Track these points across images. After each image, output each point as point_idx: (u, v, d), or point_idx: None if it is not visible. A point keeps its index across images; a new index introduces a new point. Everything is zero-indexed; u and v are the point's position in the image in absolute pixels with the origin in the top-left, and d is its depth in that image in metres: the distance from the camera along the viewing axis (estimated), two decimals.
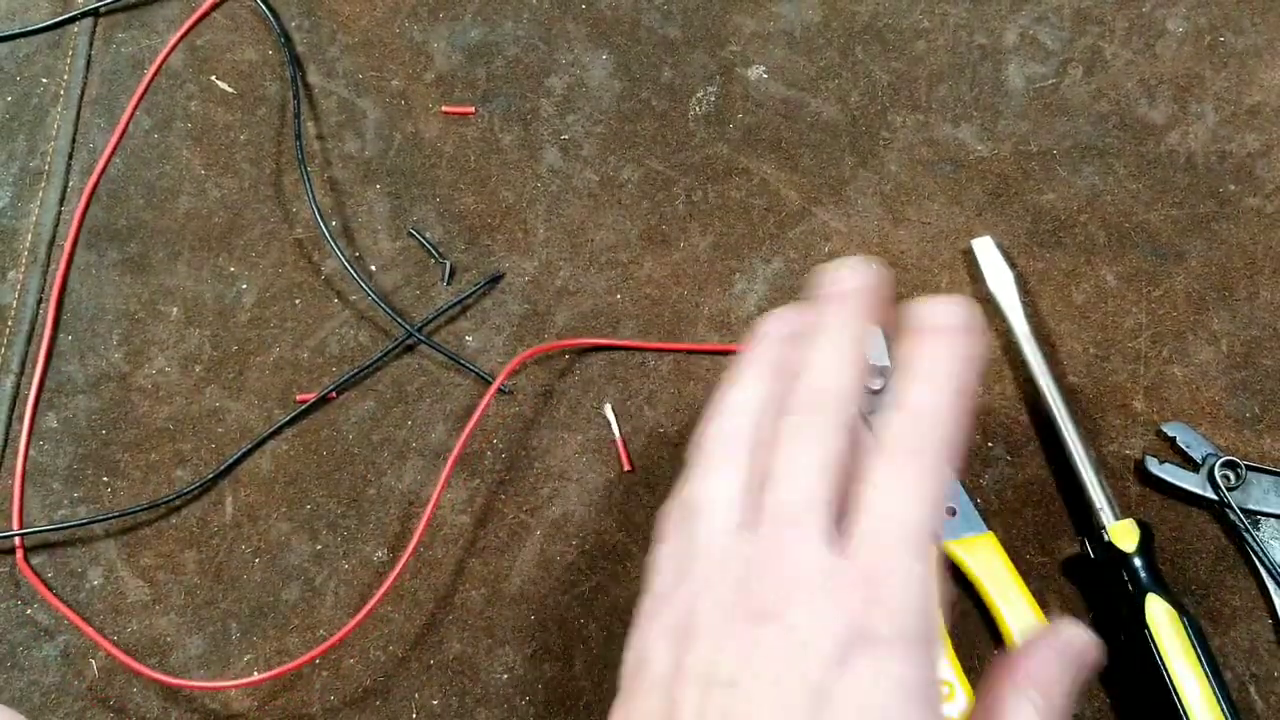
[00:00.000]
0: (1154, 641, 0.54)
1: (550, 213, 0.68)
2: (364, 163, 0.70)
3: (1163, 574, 0.57)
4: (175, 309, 0.68)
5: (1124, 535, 0.56)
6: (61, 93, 0.74)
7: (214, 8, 0.75)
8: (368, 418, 0.65)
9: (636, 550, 0.61)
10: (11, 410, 0.67)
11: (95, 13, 0.75)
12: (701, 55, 0.71)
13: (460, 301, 0.67)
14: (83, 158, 0.72)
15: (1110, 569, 0.56)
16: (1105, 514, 0.57)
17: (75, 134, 0.73)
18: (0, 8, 0.77)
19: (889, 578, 0.33)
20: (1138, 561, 0.56)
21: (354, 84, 0.72)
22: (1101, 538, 0.57)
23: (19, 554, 0.64)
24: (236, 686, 0.60)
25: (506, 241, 0.68)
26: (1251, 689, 0.56)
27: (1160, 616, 0.54)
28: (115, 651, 0.61)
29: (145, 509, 0.64)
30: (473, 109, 0.71)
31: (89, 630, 0.61)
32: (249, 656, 0.61)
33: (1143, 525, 0.57)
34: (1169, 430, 0.60)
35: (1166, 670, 0.53)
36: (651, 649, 0.35)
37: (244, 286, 0.68)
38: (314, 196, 0.69)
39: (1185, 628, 0.54)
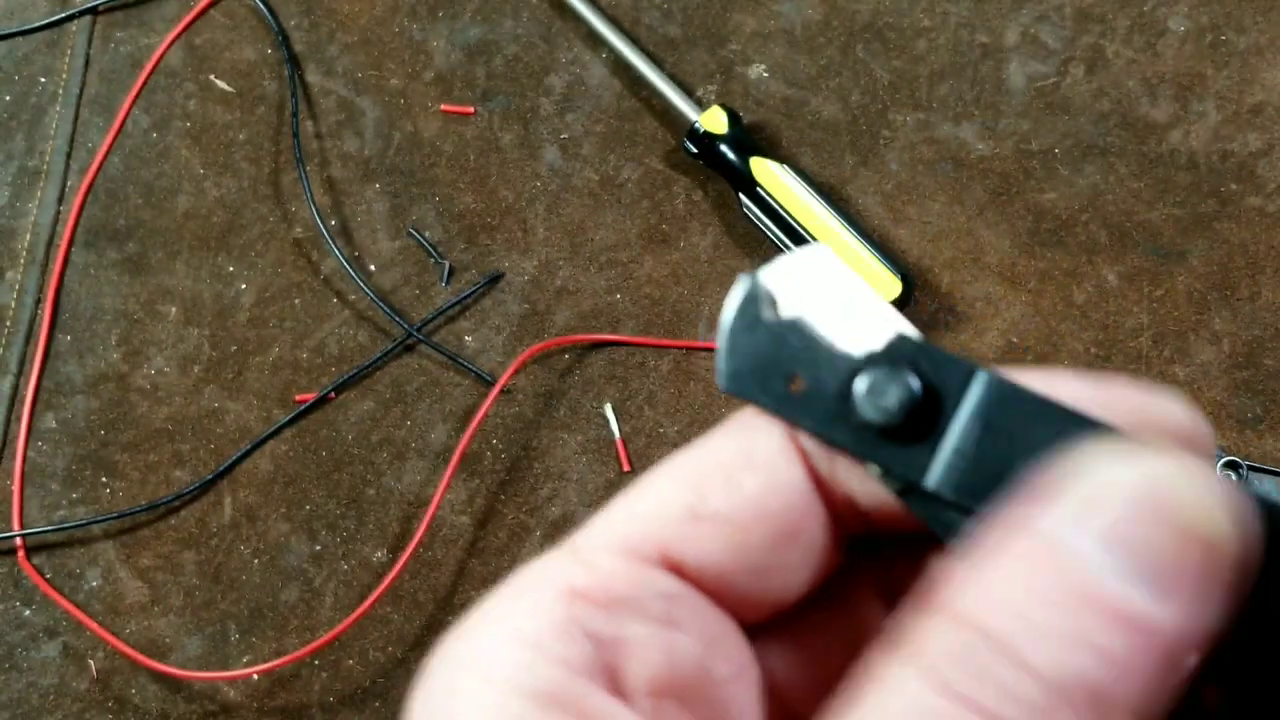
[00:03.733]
0: (767, 193, 0.63)
1: (550, 212, 0.68)
2: (363, 162, 0.70)
3: (760, 142, 0.66)
4: (174, 309, 0.68)
5: (714, 121, 0.65)
6: (60, 92, 0.73)
7: (211, 6, 0.74)
8: (367, 418, 0.65)
9: None
10: (10, 411, 0.67)
11: (93, 11, 0.75)
12: (701, 54, 0.70)
13: (459, 301, 0.67)
14: (81, 157, 0.72)
15: (713, 153, 0.65)
16: (690, 111, 0.67)
17: (74, 133, 0.72)
18: None
19: None
20: (732, 138, 0.65)
21: (352, 83, 0.72)
22: (695, 130, 0.66)
23: (20, 554, 0.64)
24: (234, 678, 0.60)
25: (506, 241, 0.68)
26: None
27: (764, 171, 0.64)
28: (123, 647, 0.61)
29: (144, 510, 0.64)
30: (472, 108, 0.70)
31: (94, 626, 0.61)
32: (248, 657, 0.60)
33: (728, 110, 0.66)
34: None
35: (785, 210, 0.63)
36: None
37: (243, 286, 0.68)
38: (312, 196, 0.69)
39: (788, 172, 0.64)
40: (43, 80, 0.74)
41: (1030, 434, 0.22)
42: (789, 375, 0.24)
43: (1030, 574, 0.18)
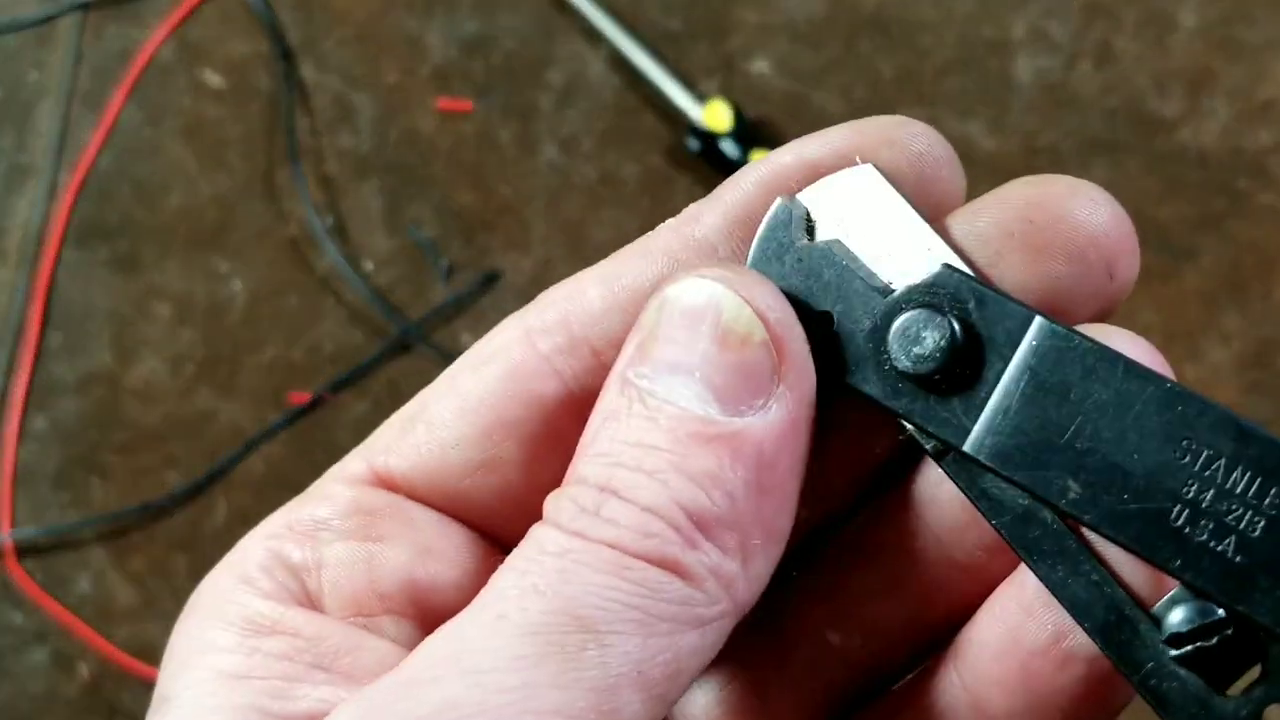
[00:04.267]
0: None
1: (549, 209, 0.67)
2: (359, 158, 0.69)
3: (765, 135, 0.66)
4: (166, 308, 0.67)
5: (716, 117, 0.65)
6: (50, 87, 0.73)
7: (204, 0, 0.73)
8: (362, 420, 0.64)
9: None
10: None
11: (84, 6, 0.74)
12: (703, 48, 0.70)
13: (457, 300, 0.66)
14: (72, 154, 0.71)
15: (715, 150, 0.65)
16: (691, 107, 0.66)
17: (64, 130, 0.71)
18: None
19: None
20: (734, 134, 0.65)
21: (348, 78, 0.71)
22: (696, 126, 0.65)
23: (8, 557, 0.63)
24: None
25: (504, 239, 0.67)
26: None
27: None
28: (114, 653, 0.60)
29: (136, 512, 0.63)
30: (470, 104, 0.70)
31: (85, 631, 0.60)
32: None
33: (731, 105, 0.65)
34: None
35: None
36: None
37: (236, 285, 0.67)
38: (307, 193, 0.68)
39: None
40: (33, 76, 0.73)
41: (1087, 393, 0.19)
42: (820, 310, 0.21)
43: (616, 421, 0.20)
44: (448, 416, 0.23)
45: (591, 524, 0.20)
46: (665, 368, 0.20)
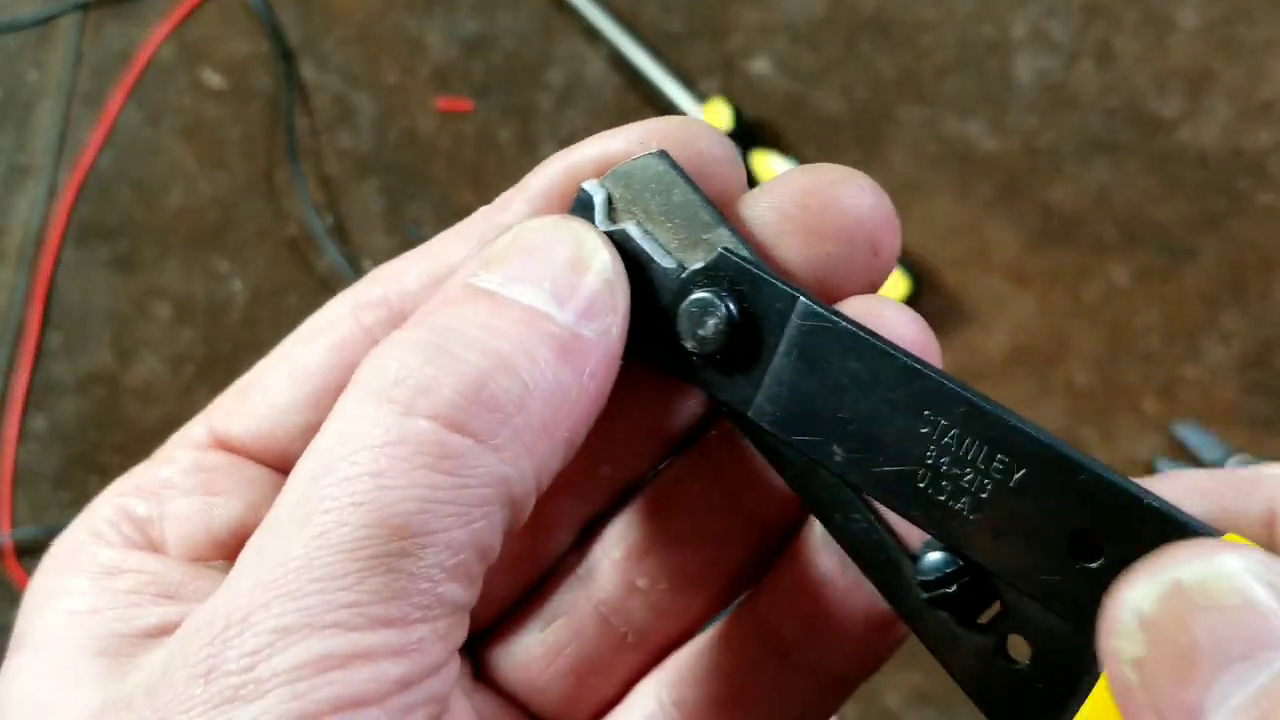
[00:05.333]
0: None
1: None
2: (359, 158, 0.69)
3: (765, 135, 0.66)
4: (166, 308, 0.67)
5: (715, 117, 0.65)
6: (50, 87, 0.73)
7: (204, 0, 0.73)
8: None
9: None
10: None
11: (84, 6, 0.74)
12: (703, 48, 0.70)
13: None
14: (71, 154, 0.71)
15: None
16: (691, 106, 0.66)
17: (64, 129, 0.71)
18: None
19: None
20: (734, 134, 0.65)
21: (348, 78, 0.71)
22: None
23: (8, 557, 0.63)
24: None
25: None
26: None
27: (766, 167, 0.64)
28: None
29: None
30: (470, 104, 0.70)
31: None
32: None
33: (731, 105, 0.65)
34: (1180, 431, 0.59)
35: None
36: None
37: (236, 285, 0.67)
38: (307, 193, 0.68)
39: (790, 167, 0.63)
40: (33, 75, 0.73)
41: (844, 368, 0.22)
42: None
43: (457, 305, 0.22)
44: (280, 384, 0.25)
45: (415, 391, 0.20)
46: (515, 275, 0.22)
